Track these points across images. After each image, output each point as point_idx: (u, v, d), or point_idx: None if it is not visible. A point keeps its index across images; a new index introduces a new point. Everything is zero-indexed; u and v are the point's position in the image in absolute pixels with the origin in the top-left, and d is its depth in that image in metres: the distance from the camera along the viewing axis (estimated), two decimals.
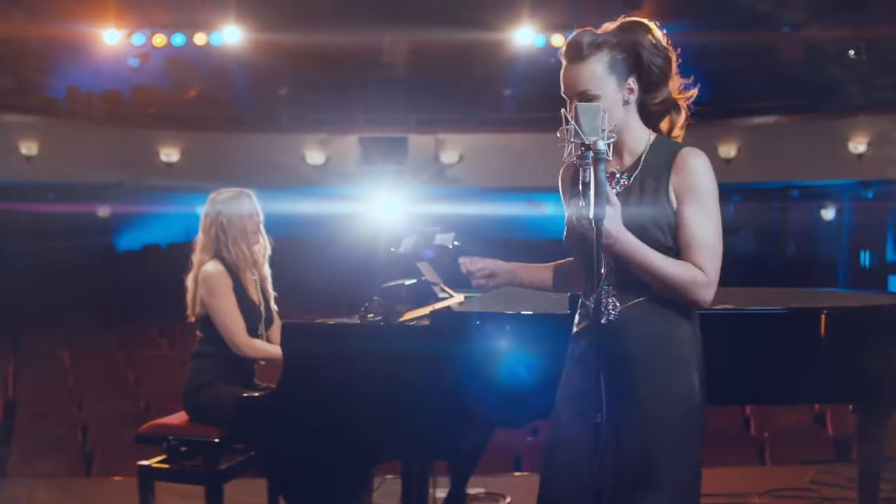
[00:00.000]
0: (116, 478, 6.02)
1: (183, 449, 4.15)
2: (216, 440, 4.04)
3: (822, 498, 5.05)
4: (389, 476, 4.71)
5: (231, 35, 16.48)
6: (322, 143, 16.07)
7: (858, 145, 14.70)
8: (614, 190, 2.59)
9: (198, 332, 4.34)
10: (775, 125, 15.69)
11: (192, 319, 4.34)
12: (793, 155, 15.16)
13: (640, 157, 2.67)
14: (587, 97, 2.57)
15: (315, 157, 16.05)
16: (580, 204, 2.38)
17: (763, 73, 16.64)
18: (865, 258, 16.87)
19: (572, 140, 2.36)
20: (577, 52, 2.60)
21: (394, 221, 13.52)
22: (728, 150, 15.42)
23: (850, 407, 4.16)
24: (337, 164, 15.94)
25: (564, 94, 2.63)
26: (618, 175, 2.66)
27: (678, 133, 2.76)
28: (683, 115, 2.75)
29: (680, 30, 15.26)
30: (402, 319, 3.50)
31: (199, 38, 16.48)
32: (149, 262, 16.53)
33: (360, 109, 16.27)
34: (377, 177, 15.37)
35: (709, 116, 16.02)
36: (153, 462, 4.15)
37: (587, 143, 2.33)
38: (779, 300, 4.27)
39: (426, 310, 3.50)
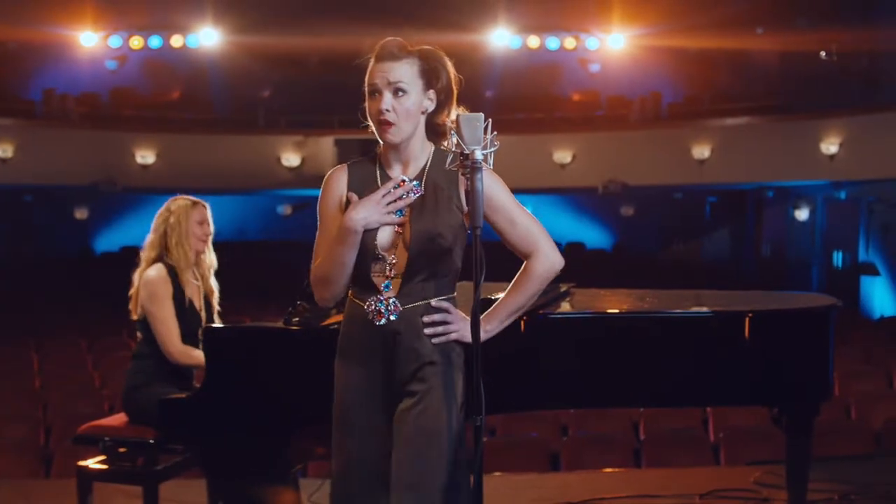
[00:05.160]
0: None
1: (122, 450, 4.20)
2: (151, 441, 4.08)
3: (761, 499, 5.08)
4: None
5: (208, 37, 16.53)
6: (298, 145, 16.09)
7: (831, 146, 14.76)
8: (412, 196, 2.80)
9: (138, 333, 4.40)
10: (748, 126, 15.78)
11: (135, 318, 4.40)
12: (766, 156, 15.23)
13: (425, 166, 2.88)
14: (400, 90, 2.81)
15: (291, 158, 16.08)
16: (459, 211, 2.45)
17: (736, 74, 16.73)
18: (838, 258, 16.94)
19: (454, 149, 2.42)
20: (392, 52, 2.85)
21: None
22: (702, 152, 15.47)
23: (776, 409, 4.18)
24: (313, 165, 15.96)
25: (370, 86, 2.85)
26: (407, 181, 2.85)
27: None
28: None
29: (654, 31, 15.39)
30: (326, 323, 3.53)
31: (176, 41, 16.54)
32: (128, 264, 16.46)
33: (335, 111, 16.29)
34: None
35: (682, 117, 16.18)
36: (91, 463, 4.19)
37: (467, 152, 2.39)
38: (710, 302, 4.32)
39: None
